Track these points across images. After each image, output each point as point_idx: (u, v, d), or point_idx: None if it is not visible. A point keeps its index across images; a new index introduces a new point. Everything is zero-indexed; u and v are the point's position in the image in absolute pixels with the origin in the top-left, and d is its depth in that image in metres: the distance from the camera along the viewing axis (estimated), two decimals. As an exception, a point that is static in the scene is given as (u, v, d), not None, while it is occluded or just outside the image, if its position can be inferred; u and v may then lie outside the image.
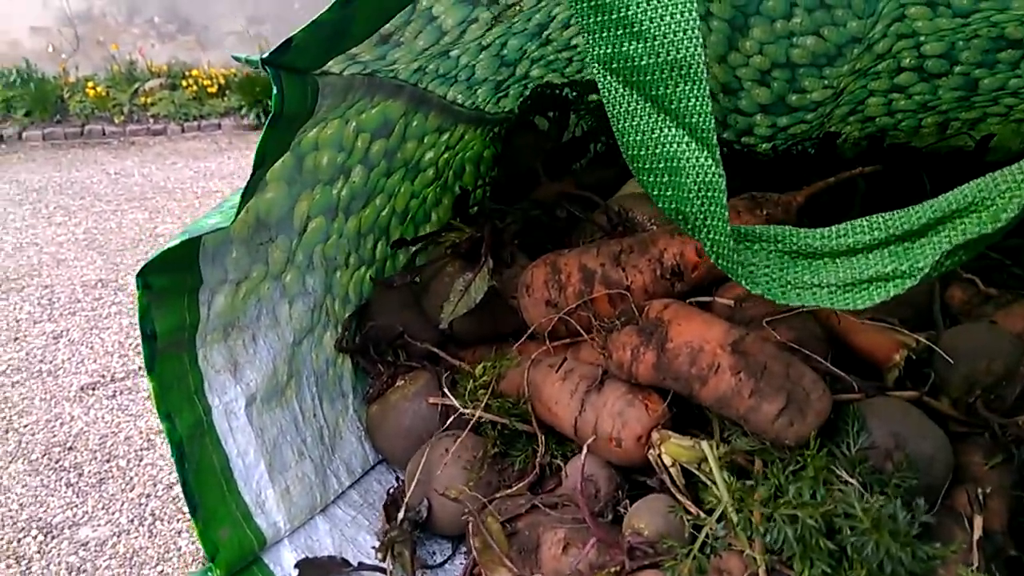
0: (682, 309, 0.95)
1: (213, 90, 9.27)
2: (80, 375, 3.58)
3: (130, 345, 3.86)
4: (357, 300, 1.28)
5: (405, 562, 0.94)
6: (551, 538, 0.89)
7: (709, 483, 0.86)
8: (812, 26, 1.26)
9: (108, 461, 2.92)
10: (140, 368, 3.62)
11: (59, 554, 2.45)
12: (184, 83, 9.32)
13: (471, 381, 1.09)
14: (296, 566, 0.94)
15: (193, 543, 2.48)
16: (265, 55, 0.73)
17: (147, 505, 2.67)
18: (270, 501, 0.97)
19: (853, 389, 0.94)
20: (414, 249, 1.35)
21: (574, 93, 1.38)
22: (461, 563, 1.03)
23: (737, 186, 1.24)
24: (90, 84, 8.97)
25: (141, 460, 2.93)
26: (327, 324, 1.18)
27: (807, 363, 0.87)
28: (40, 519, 2.62)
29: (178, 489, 2.74)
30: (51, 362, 3.71)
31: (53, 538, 2.53)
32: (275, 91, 0.77)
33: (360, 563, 0.97)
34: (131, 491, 2.75)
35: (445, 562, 1.04)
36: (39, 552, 2.47)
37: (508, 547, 0.90)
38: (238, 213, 0.77)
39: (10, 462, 2.94)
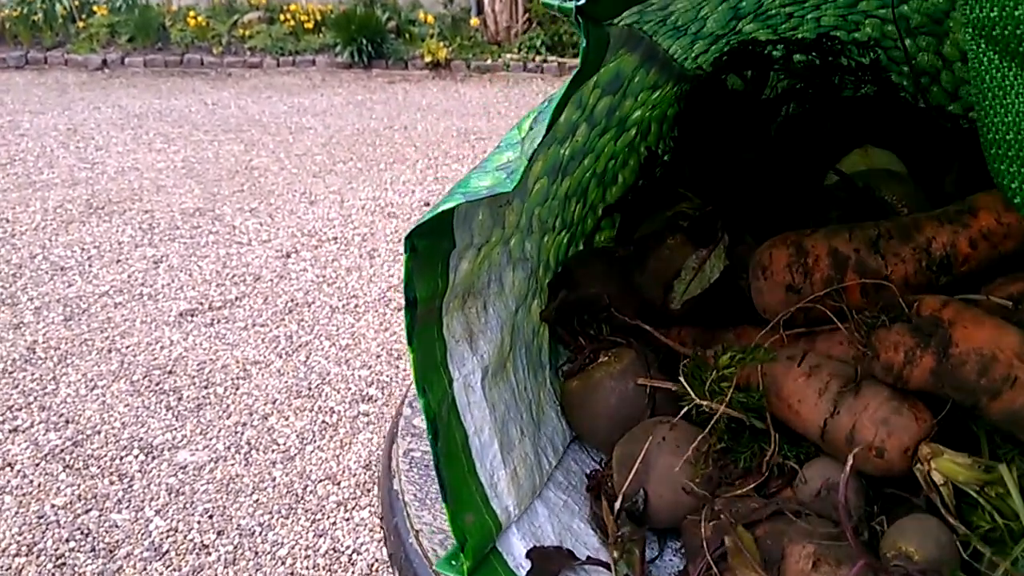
0: (965, 310, 0.82)
1: (310, 26, 9.27)
2: (179, 301, 3.63)
3: (227, 275, 3.89)
4: (556, 267, 1.17)
5: (634, 561, 0.83)
6: (798, 552, 0.77)
7: (988, 507, 0.75)
8: None
9: (206, 388, 2.95)
10: (237, 298, 3.66)
11: (159, 475, 2.49)
12: (282, 17, 9.34)
13: (713, 372, 0.94)
14: (528, 556, 0.86)
15: (287, 475, 2.49)
16: (580, 1, 0.65)
17: (243, 434, 2.69)
18: (502, 483, 0.89)
19: None
20: (620, 216, 1.24)
21: (779, 51, 1.25)
22: (671, 559, 0.93)
23: (956, 166, 1.12)
24: (191, 14, 9.06)
25: (237, 389, 2.95)
26: (536, 292, 1.09)
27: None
28: (141, 439, 2.66)
29: (273, 420, 2.76)
30: (151, 286, 3.77)
31: (153, 459, 2.56)
32: (583, 43, 0.68)
33: (588, 557, 0.87)
34: (228, 419, 2.77)
35: (655, 559, 0.94)
36: (140, 472, 2.51)
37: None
38: (522, 178, 0.66)
39: (113, 381, 2.99)
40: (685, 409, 0.93)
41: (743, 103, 1.24)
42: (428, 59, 9.02)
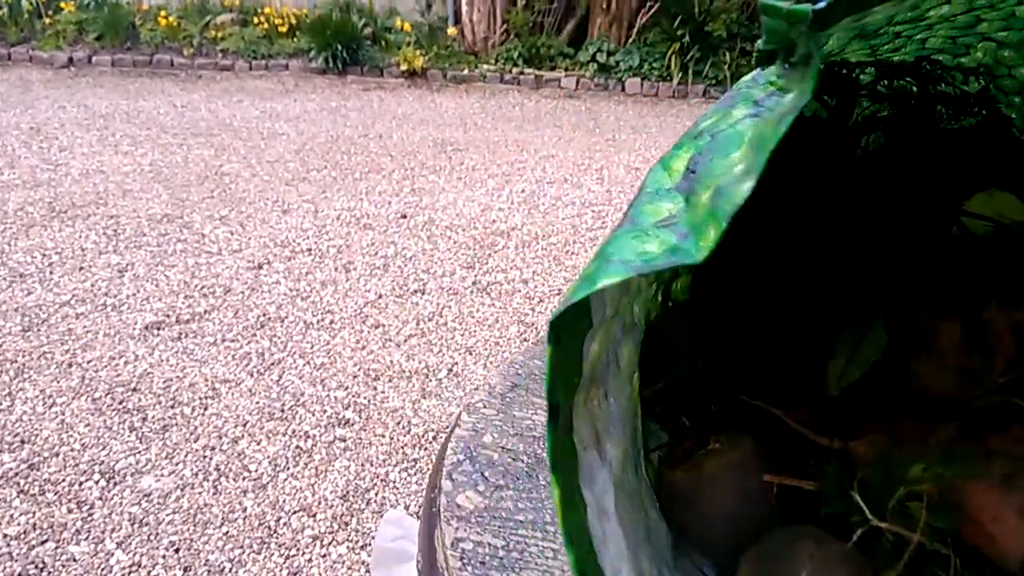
0: None
1: (284, 29, 9.11)
2: (144, 312, 3.47)
3: (195, 286, 3.73)
4: (643, 325, 0.90)
5: None
6: None
7: None
8: None
9: (172, 407, 2.80)
10: (206, 311, 3.50)
11: (121, 503, 2.33)
12: (255, 20, 9.16)
13: (900, 486, 0.74)
14: None
15: (259, 505, 2.35)
16: (820, 5, 0.50)
17: (211, 459, 2.54)
18: None
19: None
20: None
21: (869, 75, 1.11)
22: None
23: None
24: (162, 13, 8.86)
25: (206, 409, 2.80)
26: (635, 362, 0.84)
27: None
28: (102, 463, 2.50)
29: (244, 444, 2.61)
30: (115, 296, 3.60)
31: (116, 484, 2.41)
32: (817, 59, 0.53)
33: None
34: (195, 442, 2.62)
35: None
36: (101, 499, 2.35)
37: None
38: (715, 244, 0.47)
39: (73, 398, 2.83)
40: (860, 532, 0.73)
41: (825, 132, 1.10)
42: (404, 67, 8.90)
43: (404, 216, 4.85)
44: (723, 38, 8.84)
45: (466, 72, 9.14)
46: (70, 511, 2.30)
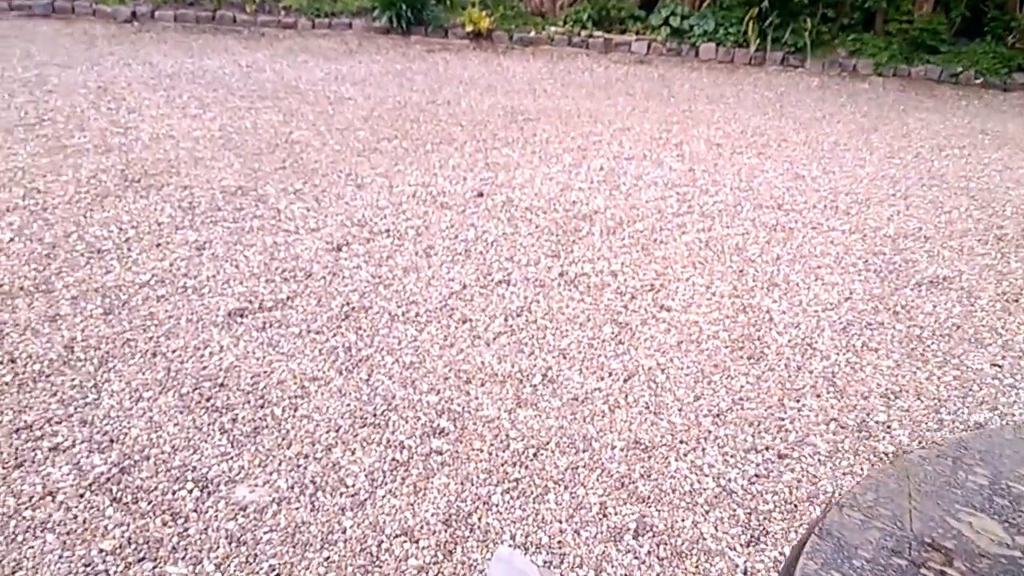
0: None
1: (348, -14, 8.90)
2: (226, 297, 3.36)
3: (276, 269, 3.62)
4: None
5: None
6: None
7: None
8: None
9: (262, 407, 2.69)
10: (288, 298, 3.39)
11: (217, 517, 2.24)
12: (319, -25, 8.97)
13: None
14: None
15: (358, 526, 2.23)
16: None
17: (306, 468, 2.44)
18: None
19: None
20: None
21: None
22: None
23: None
24: (226, -33, 8.70)
25: (296, 410, 2.69)
26: None
27: None
28: (195, 469, 2.41)
29: (338, 453, 2.50)
30: (195, 277, 3.50)
31: (209, 495, 2.31)
32: None
33: None
34: (288, 448, 2.51)
35: None
36: (195, 511, 2.25)
37: None
38: None
39: (160, 392, 2.74)
40: None
41: None
42: (469, 28, 8.66)
43: (481, 195, 4.69)
44: (804, 3, 8.44)
45: (533, 34, 8.87)
46: (165, 524, 2.21)
